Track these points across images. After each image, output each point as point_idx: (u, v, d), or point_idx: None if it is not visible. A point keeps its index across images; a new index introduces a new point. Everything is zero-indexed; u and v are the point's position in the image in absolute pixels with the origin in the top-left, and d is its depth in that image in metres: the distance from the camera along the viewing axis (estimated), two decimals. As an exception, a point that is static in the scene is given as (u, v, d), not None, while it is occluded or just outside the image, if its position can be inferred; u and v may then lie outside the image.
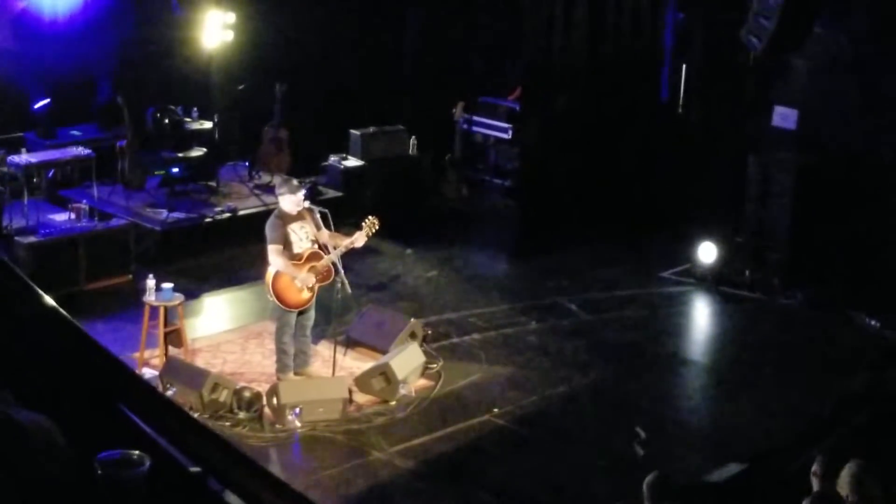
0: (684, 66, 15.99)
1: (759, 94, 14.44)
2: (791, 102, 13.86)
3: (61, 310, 4.64)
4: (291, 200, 10.81)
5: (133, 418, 4.31)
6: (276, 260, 10.72)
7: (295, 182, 11.03)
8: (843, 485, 6.57)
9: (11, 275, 4.62)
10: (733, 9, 14.18)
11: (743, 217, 14.33)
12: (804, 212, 13.80)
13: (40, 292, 4.57)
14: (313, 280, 10.81)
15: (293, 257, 10.78)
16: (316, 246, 10.85)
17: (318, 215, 10.96)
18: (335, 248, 10.85)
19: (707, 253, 14.14)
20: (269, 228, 10.79)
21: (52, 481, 3.88)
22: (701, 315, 13.85)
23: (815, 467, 6.89)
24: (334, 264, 10.86)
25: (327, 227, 10.96)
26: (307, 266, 10.79)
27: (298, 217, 10.85)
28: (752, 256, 14.16)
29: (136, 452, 4.06)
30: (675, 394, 11.72)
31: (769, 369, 12.05)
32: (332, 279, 10.92)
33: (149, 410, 4.33)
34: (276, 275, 10.81)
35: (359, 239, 10.98)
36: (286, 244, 10.76)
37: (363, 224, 11.09)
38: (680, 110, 16.18)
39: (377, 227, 11.16)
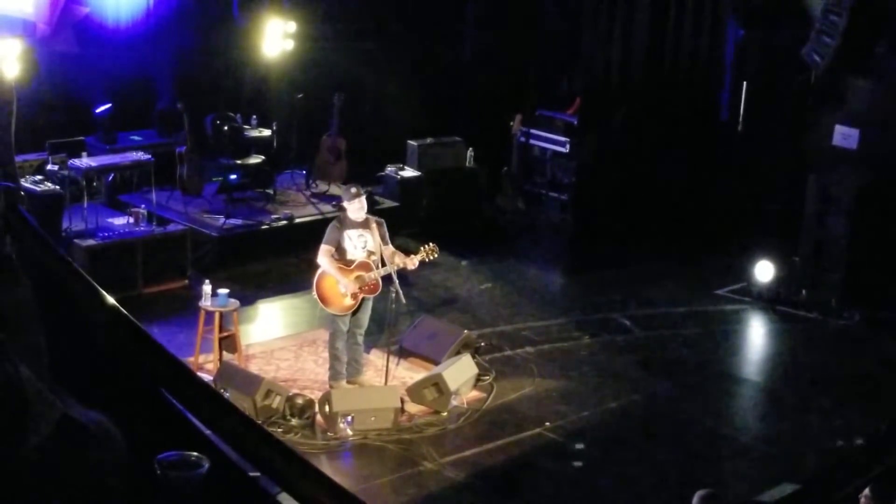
0: (744, 83, 15.89)
1: (820, 113, 14.32)
2: (852, 122, 13.74)
3: (123, 310, 4.68)
4: (353, 206, 10.90)
5: (191, 419, 4.33)
6: (322, 259, 10.90)
7: (355, 189, 11.07)
8: None
9: (76, 275, 4.66)
10: (795, 26, 14.09)
11: (801, 236, 14.22)
12: (863, 232, 13.68)
13: (104, 293, 4.62)
14: (356, 288, 10.85)
15: (344, 262, 10.84)
16: (372, 258, 10.88)
17: (385, 229, 11.02)
18: (388, 265, 10.90)
19: (764, 271, 14.03)
20: (328, 230, 10.99)
21: (112, 480, 3.91)
22: (756, 334, 13.75)
23: (867, 491, 6.82)
24: (390, 275, 10.90)
25: (383, 238, 11.00)
26: (354, 274, 10.84)
27: (361, 225, 10.93)
28: (809, 276, 14.04)
29: (195, 454, 4.08)
30: (729, 412, 11.62)
31: (824, 389, 11.93)
32: (378, 292, 10.96)
33: (208, 412, 4.35)
34: (321, 275, 10.95)
35: (412, 262, 11.02)
36: (339, 248, 10.87)
37: (422, 248, 11.15)
38: (739, 128, 16.09)
39: (436, 256, 11.23)
